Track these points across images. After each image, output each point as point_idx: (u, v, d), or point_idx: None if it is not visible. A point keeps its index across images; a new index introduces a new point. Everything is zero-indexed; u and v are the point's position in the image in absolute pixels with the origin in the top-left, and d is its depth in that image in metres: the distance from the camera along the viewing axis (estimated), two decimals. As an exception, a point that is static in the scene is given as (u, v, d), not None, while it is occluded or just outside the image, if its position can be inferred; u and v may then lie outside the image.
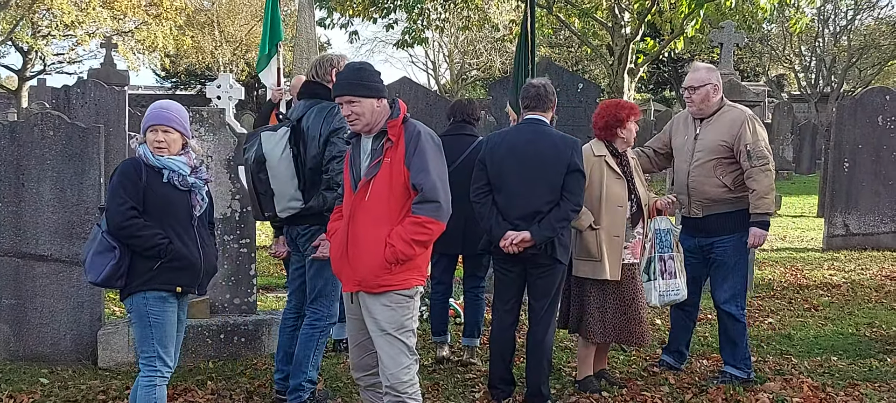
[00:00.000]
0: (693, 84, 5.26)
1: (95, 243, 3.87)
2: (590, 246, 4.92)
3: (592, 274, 4.94)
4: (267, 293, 7.72)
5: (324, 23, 18.81)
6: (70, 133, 5.42)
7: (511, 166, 4.71)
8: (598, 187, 4.94)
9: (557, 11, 18.24)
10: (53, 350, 5.48)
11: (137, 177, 3.86)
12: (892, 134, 10.59)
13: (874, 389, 5.31)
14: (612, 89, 18.39)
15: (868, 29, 33.48)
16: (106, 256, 3.84)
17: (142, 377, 3.95)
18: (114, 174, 3.91)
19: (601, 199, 4.93)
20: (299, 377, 4.69)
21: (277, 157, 4.54)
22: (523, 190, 4.67)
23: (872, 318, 7.14)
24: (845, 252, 10.61)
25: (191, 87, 38.21)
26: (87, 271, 3.92)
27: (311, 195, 4.61)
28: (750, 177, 5.13)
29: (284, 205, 4.61)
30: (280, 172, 4.55)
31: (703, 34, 17.66)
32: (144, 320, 3.91)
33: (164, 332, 3.94)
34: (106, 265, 3.84)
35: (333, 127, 4.54)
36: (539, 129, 4.81)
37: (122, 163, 3.98)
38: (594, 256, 4.91)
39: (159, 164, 3.90)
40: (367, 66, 3.92)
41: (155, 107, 4.02)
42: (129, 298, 3.93)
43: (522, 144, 4.75)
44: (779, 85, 36.80)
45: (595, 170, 4.95)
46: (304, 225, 4.70)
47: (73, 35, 29.45)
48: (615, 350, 6.09)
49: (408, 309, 3.81)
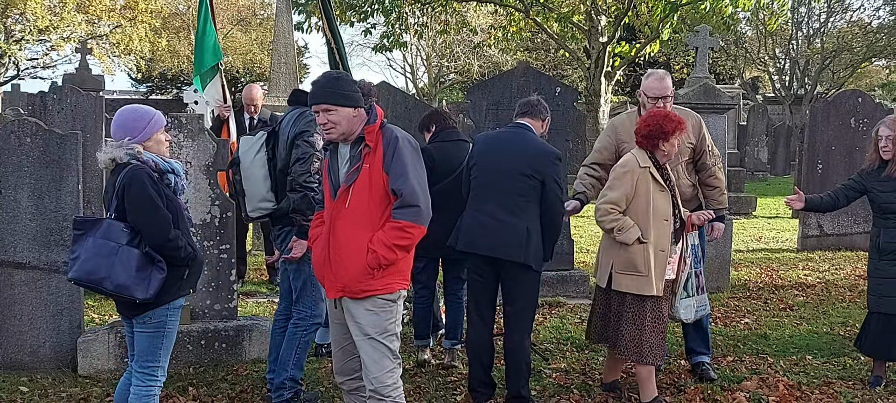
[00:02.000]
0: (666, 93, 5.25)
1: (133, 258, 3.65)
2: (636, 260, 4.74)
3: (636, 290, 4.77)
4: (248, 298, 7.70)
5: (301, 27, 18.75)
6: (47, 139, 5.39)
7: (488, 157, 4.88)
8: (645, 200, 4.77)
9: (534, 15, 18.34)
10: (32, 358, 5.45)
11: (156, 185, 3.77)
12: (865, 135, 10.73)
13: (848, 387, 5.41)
14: (589, 93, 18.53)
15: (841, 32, 33.89)
16: (148, 270, 3.69)
17: (140, 385, 3.89)
18: (131, 187, 3.70)
19: (649, 212, 4.76)
20: (282, 375, 4.77)
21: (250, 159, 4.74)
22: (493, 180, 4.81)
23: (846, 317, 7.26)
24: (819, 252, 10.76)
25: (167, 92, 37.95)
26: (129, 288, 3.65)
27: (282, 197, 4.73)
28: (712, 174, 5.39)
29: (254, 206, 4.79)
30: (252, 174, 4.73)
31: (679, 37, 17.81)
32: (160, 331, 3.85)
33: (172, 342, 3.94)
34: (155, 278, 3.69)
35: (299, 129, 4.64)
36: (522, 132, 4.92)
37: (136, 174, 3.73)
38: (640, 271, 4.74)
39: (169, 167, 3.87)
40: (343, 75, 3.94)
41: (151, 112, 3.92)
42: (154, 310, 3.80)
43: (505, 139, 4.94)
44: (754, 87, 37.16)
45: (641, 182, 4.77)
46: (278, 226, 4.82)
47: (48, 40, 29.15)
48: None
49: (391, 313, 3.84)
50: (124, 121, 3.87)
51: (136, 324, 3.88)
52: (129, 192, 3.71)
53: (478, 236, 4.78)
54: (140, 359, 3.90)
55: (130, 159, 3.77)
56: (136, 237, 3.73)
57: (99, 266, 3.66)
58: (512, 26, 19.74)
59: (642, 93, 5.32)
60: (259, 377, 5.40)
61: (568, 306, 7.58)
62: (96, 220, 3.79)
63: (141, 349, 3.90)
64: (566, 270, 8.03)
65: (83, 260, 3.69)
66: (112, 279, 3.65)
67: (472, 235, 4.81)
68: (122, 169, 3.78)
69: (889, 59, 33.91)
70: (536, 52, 31.92)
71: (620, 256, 4.79)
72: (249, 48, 34.90)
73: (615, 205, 4.78)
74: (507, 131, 5.04)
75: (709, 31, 9.25)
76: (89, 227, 3.74)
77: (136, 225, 3.73)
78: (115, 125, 3.86)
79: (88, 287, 3.78)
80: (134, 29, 28.14)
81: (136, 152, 3.77)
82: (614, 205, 4.78)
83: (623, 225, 4.74)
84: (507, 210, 4.73)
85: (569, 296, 7.88)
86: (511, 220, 4.71)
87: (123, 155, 3.78)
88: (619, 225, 4.75)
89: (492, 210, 4.75)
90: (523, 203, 4.74)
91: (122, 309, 3.91)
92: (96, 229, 3.72)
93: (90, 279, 3.68)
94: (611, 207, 4.79)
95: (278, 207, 4.76)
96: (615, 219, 4.76)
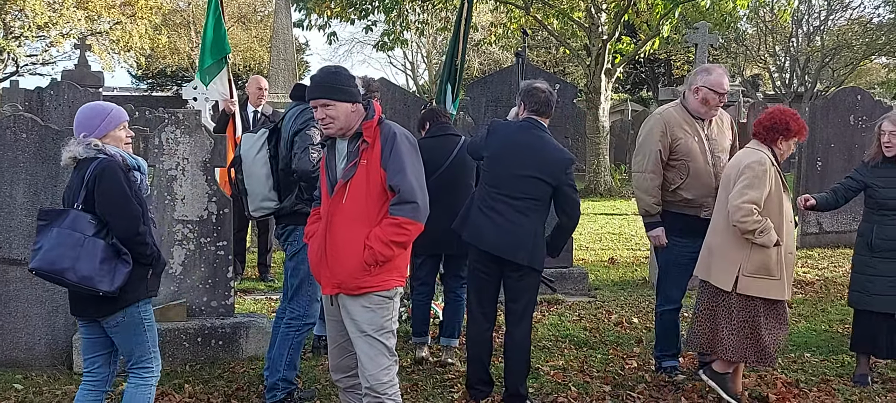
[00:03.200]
0: (725, 89, 5.24)
1: (98, 249, 3.57)
2: (770, 264, 4.64)
3: (767, 293, 4.68)
4: (245, 295, 7.68)
5: (302, 24, 18.73)
6: (43, 135, 5.37)
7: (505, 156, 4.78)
8: (777, 199, 4.66)
9: (535, 12, 18.31)
10: (28, 355, 5.43)
11: (127, 179, 3.71)
12: (864, 133, 10.72)
13: (846, 384, 5.39)
14: (589, 90, 18.51)
15: (840, 29, 33.84)
16: (113, 262, 3.60)
17: (135, 379, 3.85)
18: (103, 177, 3.63)
19: (781, 213, 4.65)
20: (274, 375, 4.75)
21: (252, 158, 4.69)
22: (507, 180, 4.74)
23: (845, 315, 7.23)
24: (819, 250, 10.74)
25: (167, 89, 37.93)
26: (93, 280, 3.56)
27: (285, 195, 4.66)
28: None
29: (257, 205, 4.75)
30: (254, 172, 4.69)
31: (679, 34, 17.79)
32: (139, 326, 3.80)
33: (154, 331, 3.89)
34: (120, 271, 3.61)
35: (297, 127, 4.60)
36: (540, 135, 4.83)
37: (108, 166, 3.66)
38: (773, 275, 4.64)
39: (135, 164, 3.81)
40: (342, 70, 3.91)
41: (108, 108, 3.83)
42: (123, 310, 3.71)
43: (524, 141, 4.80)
44: (754, 85, 37.11)
45: (774, 181, 4.67)
46: (281, 224, 4.78)
47: (47, 36, 29.13)
48: (594, 348, 6.13)
49: (387, 310, 3.82)
50: (82, 116, 3.80)
51: (109, 329, 3.79)
52: (101, 182, 3.63)
53: (485, 232, 4.76)
54: (132, 358, 3.85)
55: (97, 154, 3.69)
56: (102, 229, 3.64)
57: (62, 256, 3.55)
58: (512, 23, 19.71)
59: (704, 87, 5.16)
60: (256, 374, 5.38)
61: (567, 303, 7.57)
62: (62, 211, 3.69)
63: (126, 351, 3.84)
64: (565, 267, 8.01)
65: (46, 251, 3.59)
66: (76, 270, 3.54)
67: (478, 230, 4.78)
68: (88, 164, 3.68)
69: (889, 57, 33.85)
70: (537, 50, 31.89)
71: (752, 259, 4.65)
72: (249, 45, 34.88)
73: (757, 205, 4.62)
74: (525, 131, 4.84)
75: (708, 28, 9.21)
76: (54, 217, 3.65)
77: (105, 217, 3.65)
78: (76, 122, 3.80)
79: (50, 278, 3.65)
80: (134, 25, 28.12)
81: (100, 147, 3.70)
82: (756, 205, 4.62)
83: (765, 226, 4.60)
84: (518, 211, 4.71)
85: (567, 293, 7.87)
86: (520, 222, 4.70)
87: (82, 151, 3.69)
88: (762, 226, 4.60)
89: (502, 209, 4.72)
90: (533, 205, 4.74)
91: (88, 309, 3.75)
92: (62, 219, 3.63)
93: (52, 269, 3.58)
94: (754, 207, 4.61)
95: (281, 206, 4.72)
96: (758, 220, 4.60)
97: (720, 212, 4.90)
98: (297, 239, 4.75)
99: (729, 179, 4.84)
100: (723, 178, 4.98)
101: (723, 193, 4.89)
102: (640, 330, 6.72)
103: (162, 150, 5.60)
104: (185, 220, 5.65)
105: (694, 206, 5.22)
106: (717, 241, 4.86)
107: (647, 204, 5.25)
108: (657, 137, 5.20)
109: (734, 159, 4.98)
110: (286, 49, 12.10)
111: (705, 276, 4.92)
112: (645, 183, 5.22)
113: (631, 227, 13.37)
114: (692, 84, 5.29)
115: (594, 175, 18.69)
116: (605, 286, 8.57)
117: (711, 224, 5.00)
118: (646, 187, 5.22)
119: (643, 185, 5.23)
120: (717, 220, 4.93)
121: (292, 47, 12.20)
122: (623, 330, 6.70)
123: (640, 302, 7.78)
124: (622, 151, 23.23)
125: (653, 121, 5.32)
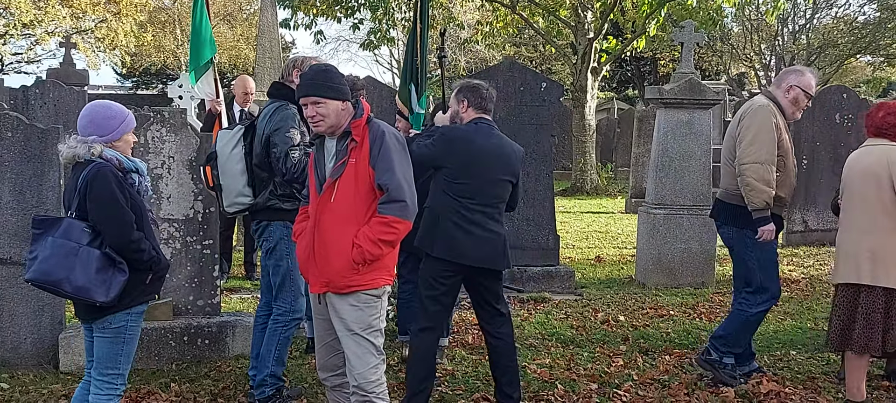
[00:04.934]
0: (814, 92, 5.27)
1: (93, 259, 3.51)
2: None
3: None
4: (231, 294, 7.67)
5: (288, 23, 18.68)
6: (29, 134, 5.34)
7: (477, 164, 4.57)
8: None
9: (521, 10, 18.34)
10: (14, 354, 5.40)
11: (121, 185, 3.64)
12: (849, 131, 10.81)
13: (831, 383, 5.43)
14: (575, 88, 18.55)
15: (826, 28, 34.09)
16: (109, 271, 3.55)
17: (99, 394, 3.74)
18: (94, 184, 3.56)
19: None
20: (263, 372, 4.76)
21: (227, 154, 4.72)
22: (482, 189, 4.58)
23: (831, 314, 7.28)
24: (804, 248, 10.81)
25: (152, 87, 37.75)
26: (89, 291, 3.51)
27: (260, 191, 4.74)
28: None
29: (231, 201, 4.78)
30: (228, 168, 4.72)
31: (665, 33, 17.86)
32: (120, 337, 3.71)
33: (133, 348, 3.81)
34: (116, 281, 3.55)
35: (274, 126, 4.63)
36: (498, 135, 4.72)
37: (100, 170, 3.60)
38: None
39: (133, 166, 3.74)
40: (331, 68, 3.92)
41: (124, 112, 3.77)
42: (113, 316, 3.65)
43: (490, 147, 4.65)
44: (739, 83, 37.29)
45: None
46: (256, 220, 4.82)
47: (32, 34, 28.93)
48: (580, 347, 6.15)
49: (375, 308, 3.82)
50: (95, 116, 3.71)
51: (95, 330, 3.74)
52: (92, 189, 3.57)
53: (464, 247, 4.52)
54: (100, 366, 3.74)
55: (95, 158, 3.63)
56: (97, 237, 3.58)
57: (58, 266, 3.50)
58: (498, 22, 19.73)
59: (797, 87, 5.18)
60: (242, 373, 5.37)
61: (553, 302, 7.59)
62: (56, 219, 3.64)
63: (101, 356, 3.74)
64: (551, 266, 8.04)
65: (41, 261, 3.53)
66: (71, 281, 3.49)
67: (456, 245, 4.52)
68: (84, 166, 3.63)
69: (874, 56, 34.10)
70: (524, 47, 31.95)
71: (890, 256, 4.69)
72: (235, 43, 34.75)
73: None
74: (487, 135, 4.67)
75: (694, 27, 9.24)
76: (48, 226, 3.59)
77: (97, 225, 3.60)
78: (85, 120, 3.69)
79: (46, 288, 3.59)
80: (119, 23, 27.96)
81: (100, 151, 3.63)
82: None
83: None
84: (493, 219, 4.61)
85: (554, 292, 7.89)
86: (496, 229, 4.61)
87: (84, 153, 3.63)
88: None
89: (480, 220, 4.56)
90: (501, 207, 4.69)
91: (82, 313, 3.74)
92: (56, 228, 3.57)
93: (48, 280, 3.52)
94: None
95: (255, 201, 4.76)
96: None
97: (868, 213, 4.79)
98: (271, 234, 4.77)
99: (878, 178, 4.75)
100: (863, 176, 4.84)
101: (873, 191, 4.77)
102: (627, 328, 6.75)
103: (148, 149, 5.58)
104: (171, 219, 5.64)
105: (781, 204, 5.23)
106: (880, 242, 4.76)
107: (767, 197, 5.07)
108: (772, 127, 5.08)
109: (874, 157, 4.83)
110: (272, 47, 12.06)
111: (872, 281, 4.77)
112: (767, 174, 5.05)
113: (617, 225, 13.42)
114: (784, 82, 5.25)
115: (580, 173, 18.74)
116: (592, 284, 8.60)
117: (860, 225, 4.85)
118: (768, 179, 5.06)
119: (765, 176, 5.05)
120: (871, 222, 4.79)
121: (278, 45, 12.16)
122: (610, 329, 6.73)
123: (627, 300, 7.81)
124: (608, 150, 23.31)
125: (764, 112, 5.14)
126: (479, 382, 5.29)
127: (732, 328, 5.36)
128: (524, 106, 7.91)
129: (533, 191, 7.91)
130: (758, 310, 5.31)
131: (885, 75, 37.48)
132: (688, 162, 8.48)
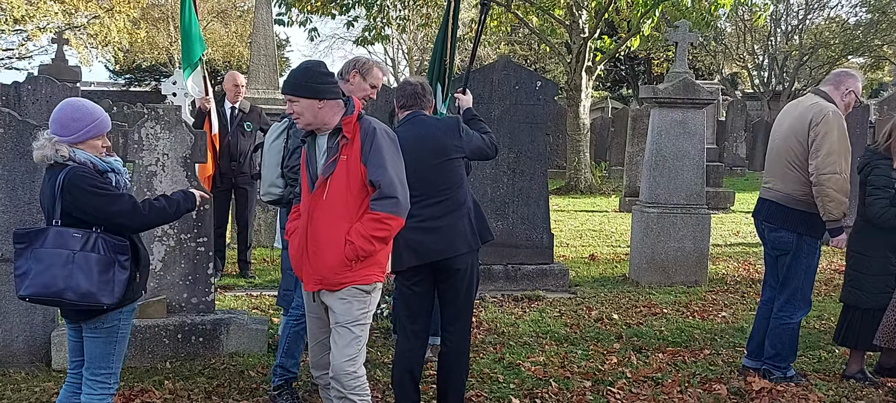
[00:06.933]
0: None
1: (93, 262, 3.44)
2: None
3: None
4: (225, 292, 7.65)
5: (282, 20, 18.63)
6: (21, 130, 5.31)
7: (413, 158, 4.26)
8: None
9: (515, 8, 18.34)
10: (5, 352, 5.38)
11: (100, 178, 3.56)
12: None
13: (823, 379, 5.46)
14: (570, 87, 18.57)
15: (818, 29, 34.19)
16: (111, 272, 3.48)
17: (92, 394, 3.69)
18: (74, 191, 3.45)
19: None
20: (275, 360, 4.95)
21: (269, 144, 4.87)
22: (419, 181, 4.29)
23: (821, 311, 7.32)
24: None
25: (145, 84, 37.65)
26: (95, 295, 3.45)
27: (288, 184, 4.84)
28: None
29: (266, 190, 4.91)
30: (269, 159, 4.86)
31: (660, 32, 17.89)
32: (113, 336, 3.67)
33: (124, 346, 3.77)
34: (118, 280, 3.50)
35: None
36: (419, 120, 4.55)
37: (75, 175, 3.47)
38: None
39: (108, 167, 3.64)
40: (313, 68, 3.86)
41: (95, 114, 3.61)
42: (106, 315, 3.59)
43: (411, 135, 4.44)
44: (733, 83, 37.40)
45: None
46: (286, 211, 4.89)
47: (24, 30, 28.81)
48: (574, 345, 6.16)
49: (364, 302, 3.81)
50: (62, 116, 3.58)
51: (86, 330, 3.67)
52: (75, 198, 3.46)
53: (424, 245, 4.34)
54: (92, 367, 3.69)
55: (66, 160, 3.50)
56: (88, 241, 3.47)
57: (55, 277, 3.41)
58: (493, 20, 19.73)
59: (852, 92, 5.18)
60: (236, 370, 5.37)
61: (547, 300, 7.60)
62: (39, 230, 3.51)
63: (93, 356, 3.68)
64: (546, 264, 8.05)
65: (36, 274, 3.43)
66: (75, 288, 3.41)
67: (416, 247, 4.33)
68: (59, 170, 3.50)
69: (866, 57, 34.23)
70: (519, 45, 31.96)
71: None
72: (229, 40, 34.69)
73: None
74: (408, 127, 4.51)
75: (688, 27, 9.26)
76: (33, 239, 3.48)
77: (104, 225, 3.51)
78: (53, 117, 3.56)
79: (46, 302, 3.50)
80: (112, 20, 27.86)
81: (68, 155, 3.49)
82: None
83: None
84: (444, 208, 4.39)
85: (548, 290, 7.90)
86: (449, 221, 4.39)
87: (51, 154, 3.49)
88: None
89: (429, 214, 4.35)
90: (454, 191, 4.44)
91: (71, 314, 3.66)
92: (42, 239, 3.46)
93: (48, 293, 3.42)
94: None
95: (283, 194, 4.83)
96: None
97: None
98: None
99: None
100: None
101: None
102: (621, 326, 6.77)
103: (141, 146, 5.56)
104: (165, 216, 5.61)
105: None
106: None
107: (845, 208, 5.00)
108: (846, 135, 5.02)
109: None
110: (267, 45, 12.01)
111: None
112: (846, 185, 4.97)
113: (611, 224, 13.45)
114: (843, 85, 5.18)
115: (575, 172, 18.76)
116: (586, 282, 8.61)
117: None
118: (847, 189, 4.98)
119: (845, 187, 4.97)
120: None
121: (273, 43, 12.12)
122: (603, 327, 6.74)
123: (621, 298, 7.83)
124: (602, 149, 23.35)
125: (838, 120, 5.03)
126: (472, 378, 5.29)
127: (780, 343, 5.35)
128: (519, 104, 7.92)
129: (527, 190, 7.93)
130: (797, 320, 5.36)
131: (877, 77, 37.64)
132: (682, 161, 8.50)
